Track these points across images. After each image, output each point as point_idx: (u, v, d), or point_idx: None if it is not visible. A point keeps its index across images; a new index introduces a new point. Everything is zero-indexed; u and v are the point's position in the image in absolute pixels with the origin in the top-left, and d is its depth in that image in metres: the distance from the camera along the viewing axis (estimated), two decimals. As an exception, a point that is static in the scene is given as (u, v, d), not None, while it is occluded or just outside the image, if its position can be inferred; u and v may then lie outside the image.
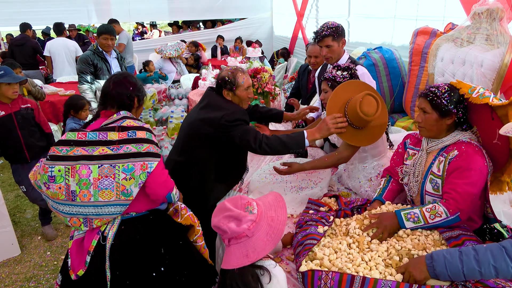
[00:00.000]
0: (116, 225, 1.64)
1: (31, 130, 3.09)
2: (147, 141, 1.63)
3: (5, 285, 2.83)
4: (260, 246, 1.25)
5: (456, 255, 1.22)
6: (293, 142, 1.96)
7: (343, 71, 2.09)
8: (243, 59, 6.25)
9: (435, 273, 1.26)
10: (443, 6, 3.70)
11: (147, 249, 1.66)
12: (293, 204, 2.07)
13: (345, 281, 1.29)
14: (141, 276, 1.63)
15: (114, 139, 1.59)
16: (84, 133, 1.61)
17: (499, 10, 2.48)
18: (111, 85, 1.75)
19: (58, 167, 1.55)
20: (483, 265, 1.16)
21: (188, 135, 2.16)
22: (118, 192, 1.57)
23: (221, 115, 1.98)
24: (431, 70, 3.11)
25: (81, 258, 1.63)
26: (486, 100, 1.46)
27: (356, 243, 1.53)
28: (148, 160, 1.59)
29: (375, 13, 4.87)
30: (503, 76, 2.47)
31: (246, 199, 1.30)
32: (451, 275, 1.23)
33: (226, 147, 2.09)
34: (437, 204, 1.55)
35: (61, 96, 4.96)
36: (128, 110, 1.76)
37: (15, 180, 3.20)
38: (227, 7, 8.49)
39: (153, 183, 1.62)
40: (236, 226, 1.24)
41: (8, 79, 2.89)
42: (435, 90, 1.62)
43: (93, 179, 1.55)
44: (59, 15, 6.99)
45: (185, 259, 1.77)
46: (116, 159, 1.57)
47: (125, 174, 1.56)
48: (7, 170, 4.63)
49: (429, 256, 1.29)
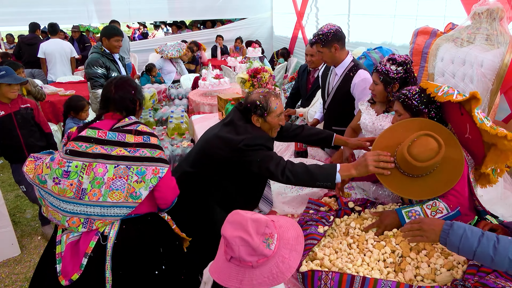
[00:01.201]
0: (117, 225, 1.64)
1: (30, 130, 3.09)
2: (159, 147, 1.68)
3: (5, 285, 2.83)
4: (258, 280, 1.14)
5: (477, 235, 1.19)
6: (322, 174, 1.68)
7: (398, 66, 1.98)
8: (243, 59, 6.25)
9: (446, 241, 1.23)
10: (443, 6, 3.69)
11: (148, 248, 1.67)
12: (293, 204, 2.07)
13: (345, 281, 1.29)
14: (143, 275, 1.64)
15: (131, 142, 1.63)
16: (104, 132, 1.63)
17: (499, 10, 2.48)
18: (113, 89, 1.75)
19: (76, 162, 1.56)
20: (498, 254, 1.14)
21: (202, 149, 2.00)
22: (127, 194, 1.59)
23: (242, 139, 1.78)
24: (431, 70, 3.11)
25: (76, 262, 1.58)
26: (449, 97, 1.50)
27: (357, 243, 1.53)
28: (159, 166, 1.64)
29: (375, 12, 4.87)
30: (503, 76, 2.46)
31: (270, 228, 1.17)
32: (461, 249, 1.20)
33: (238, 174, 1.89)
34: (437, 200, 1.56)
35: (61, 96, 4.96)
36: (133, 114, 1.78)
37: (15, 180, 3.20)
38: (227, 7, 8.50)
39: (165, 188, 1.68)
40: (247, 254, 1.13)
41: (9, 80, 2.89)
42: (406, 93, 1.69)
43: (107, 178, 1.57)
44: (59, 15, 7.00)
45: (183, 258, 1.81)
46: (132, 161, 1.60)
47: (138, 177, 1.60)
48: (7, 170, 4.63)
49: (450, 223, 1.25)
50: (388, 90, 2.03)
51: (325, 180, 1.67)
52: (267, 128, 1.93)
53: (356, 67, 2.51)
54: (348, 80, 2.51)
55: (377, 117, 2.16)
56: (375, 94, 2.10)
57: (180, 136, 3.78)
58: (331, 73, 2.66)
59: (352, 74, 2.50)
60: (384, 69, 2.01)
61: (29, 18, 6.55)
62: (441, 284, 1.30)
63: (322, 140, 2.20)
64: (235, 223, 1.16)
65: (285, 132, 2.14)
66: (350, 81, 2.50)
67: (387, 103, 2.13)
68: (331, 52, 2.47)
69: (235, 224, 1.15)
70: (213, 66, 5.80)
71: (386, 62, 2.04)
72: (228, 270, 1.16)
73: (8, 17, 6.90)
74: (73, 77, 6.13)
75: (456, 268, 1.35)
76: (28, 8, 6.87)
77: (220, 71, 5.62)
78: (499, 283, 1.22)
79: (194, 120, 3.80)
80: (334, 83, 2.61)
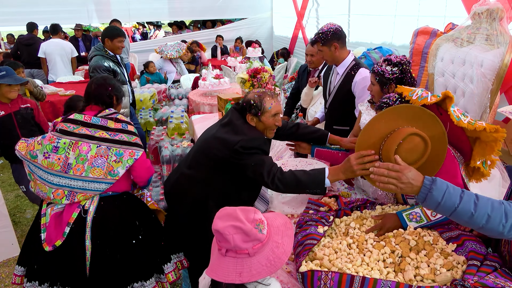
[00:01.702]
0: (96, 201, 1.90)
1: (30, 130, 3.10)
2: (135, 134, 1.97)
3: (5, 285, 2.83)
4: (256, 269, 1.15)
5: (459, 192, 1.18)
6: (311, 182, 1.68)
7: (394, 67, 1.98)
8: (243, 59, 6.25)
9: (426, 196, 1.18)
10: (444, 6, 3.70)
11: (124, 221, 1.93)
12: (293, 204, 2.07)
13: (345, 281, 1.29)
14: (120, 244, 1.88)
15: (111, 127, 1.91)
16: (89, 117, 1.91)
17: (499, 10, 2.48)
18: (93, 86, 2.06)
19: (64, 139, 1.84)
20: (479, 210, 1.14)
21: (200, 150, 2.02)
22: (106, 172, 1.87)
23: (238, 140, 1.79)
24: (431, 70, 3.11)
25: (59, 230, 1.84)
26: (424, 101, 1.52)
27: (356, 243, 1.53)
28: (135, 149, 1.93)
29: (376, 12, 4.86)
30: (503, 76, 2.46)
31: (259, 214, 1.20)
32: (442, 205, 1.17)
33: (235, 175, 1.89)
34: None
35: (61, 96, 4.97)
36: (111, 107, 2.04)
37: (15, 179, 3.20)
38: (227, 7, 8.50)
39: (140, 168, 1.97)
40: (242, 241, 1.14)
41: (9, 80, 2.89)
42: (386, 100, 1.70)
43: (90, 156, 1.84)
44: (59, 15, 7.01)
45: (159, 230, 2.06)
46: (112, 143, 1.89)
47: (116, 157, 1.88)
48: (7, 170, 4.63)
49: (431, 178, 1.21)
50: (385, 90, 2.03)
51: (315, 187, 1.68)
52: (262, 128, 1.94)
53: (358, 65, 2.52)
54: (349, 79, 2.52)
55: None
56: (373, 95, 2.11)
57: (180, 136, 3.78)
58: (333, 73, 2.66)
59: (353, 72, 2.50)
60: (380, 70, 2.02)
61: (29, 18, 6.55)
62: (441, 284, 1.30)
63: (317, 138, 2.21)
64: (225, 216, 1.18)
65: (280, 130, 2.14)
66: (351, 80, 2.51)
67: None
68: (330, 50, 2.48)
69: (225, 217, 1.18)
70: (213, 66, 5.80)
71: (382, 63, 2.04)
72: (226, 265, 1.17)
73: (8, 17, 6.90)
74: (73, 77, 6.13)
75: (456, 268, 1.35)
76: (28, 8, 6.87)
77: (220, 71, 5.62)
78: (499, 283, 1.22)
79: (194, 120, 3.80)
80: (335, 82, 2.62)
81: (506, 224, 1.13)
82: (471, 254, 1.37)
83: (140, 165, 1.96)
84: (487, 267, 1.30)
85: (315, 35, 2.52)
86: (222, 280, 1.16)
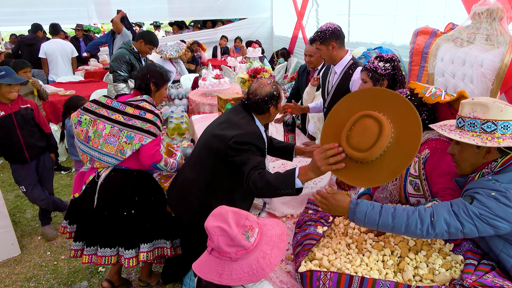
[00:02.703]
0: (108, 170, 2.23)
1: (30, 130, 3.10)
2: (151, 122, 2.16)
3: (5, 285, 2.83)
4: (237, 274, 1.14)
5: (378, 209, 1.35)
6: (282, 184, 1.59)
7: (386, 63, 2.02)
8: (243, 59, 6.25)
9: (353, 218, 1.39)
10: (444, 5, 3.69)
11: (124, 194, 2.21)
12: (293, 204, 2.07)
13: (344, 282, 1.29)
14: (116, 211, 2.20)
15: (129, 113, 2.16)
16: (111, 100, 2.21)
17: (499, 10, 2.48)
18: (138, 72, 2.35)
19: (85, 116, 2.20)
20: (396, 221, 1.31)
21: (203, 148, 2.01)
22: (117, 150, 2.16)
23: (233, 135, 1.77)
24: (431, 70, 3.10)
25: (79, 186, 2.30)
26: (437, 99, 1.52)
27: (355, 243, 1.53)
28: (145, 136, 2.14)
29: (375, 12, 4.86)
30: (503, 76, 2.46)
31: (251, 221, 1.19)
32: (366, 224, 1.37)
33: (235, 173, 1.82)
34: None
35: (61, 96, 4.97)
36: (148, 93, 2.28)
37: (15, 180, 3.20)
38: (227, 7, 8.49)
39: (144, 154, 2.16)
40: (225, 245, 1.14)
41: (9, 80, 2.89)
42: None
43: (104, 134, 2.16)
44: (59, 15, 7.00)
45: (152, 211, 2.26)
46: (124, 126, 2.15)
47: (126, 139, 2.14)
48: (7, 170, 4.63)
49: (355, 202, 1.39)
50: (377, 87, 2.04)
51: (286, 188, 1.59)
52: (272, 117, 2.00)
53: (355, 64, 2.53)
54: (347, 78, 2.52)
55: None
56: None
57: (180, 136, 3.78)
58: (331, 72, 2.67)
59: (351, 71, 2.51)
60: (372, 66, 2.04)
61: (29, 18, 6.56)
62: (440, 284, 1.30)
63: (285, 151, 2.22)
64: (217, 215, 1.19)
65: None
66: (349, 79, 2.51)
67: None
68: (328, 50, 2.49)
69: (217, 216, 1.19)
70: (213, 66, 5.80)
71: (373, 60, 2.08)
72: (209, 263, 1.17)
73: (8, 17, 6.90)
74: (74, 77, 6.14)
75: (454, 268, 1.35)
76: (28, 8, 6.87)
77: (220, 71, 5.62)
78: (497, 282, 1.22)
79: (194, 120, 3.80)
80: (333, 81, 2.62)
81: (423, 228, 1.28)
82: (468, 253, 1.38)
83: (145, 151, 2.15)
84: (484, 266, 1.30)
85: (314, 34, 2.53)
86: (202, 277, 1.16)
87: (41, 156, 3.21)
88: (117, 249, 2.23)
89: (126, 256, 2.21)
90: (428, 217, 1.27)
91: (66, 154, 5.01)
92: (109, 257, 2.22)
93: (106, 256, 2.22)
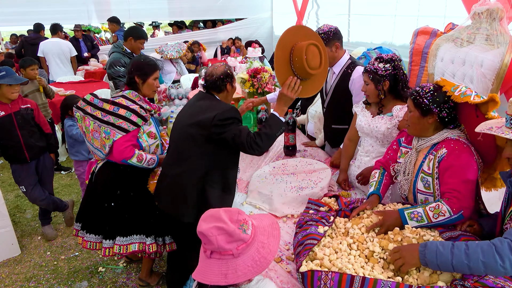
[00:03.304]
0: (101, 163, 2.41)
1: (30, 130, 3.09)
2: (123, 117, 2.20)
3: (5, 285, 2.83)
4: (242, 270, 1.15)
5: (449, 248, 1.27)
6: (275, 127, 1.96)
7: (386, 63, 2.02)
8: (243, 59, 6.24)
9: (425, 261, 1.30)
10: (444, 6, 3.69)
11: (107, 186, 2.37)
12: (293, 204, 2.07)
13: (345, 281, 1.29)
14: (99, 202, 2.37)
15: (106, 109, 2.24)
16: (93, 98, 2.31)
17: (499, 10, 2.48)
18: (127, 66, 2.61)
19: (78, 113, 2.35)
20: (472, 259, 1.21)
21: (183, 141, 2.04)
22: (101, 144, 2.27)
23: (213, 116, 1.91)
24: (431, 70, 3.10)
25: (88, 174, 2.59)
26: (467, 98, 1.48)
27: (357, 243, 1.53)
28: (117, 132, 2.21)
29: (376, 12, 4.86)
30: (503, 76, 2.46)
31: (243, 215, 1.20)
32: (440, 265, 1.27)
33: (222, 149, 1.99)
34: (440, 203, 1.55)
35: (61, 96, 4.95)
36: (133, 87, 2.33)
37: (14, 180, 3.20)
38: (227, 7, 8.48)
39: (114, 149, 2.23)
40: (226, 242, 1.14)
41: (10, 80, 2.89)
42: (419, 90, 1.66)
43: (90, 129, 2.29)
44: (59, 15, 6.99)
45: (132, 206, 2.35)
46: (102, 122, 2.23)
47: (105, 135, 2.24)
48: (7, 170, 4.63)
49: (424, 244, 1.33)
50: (379, 88, 2.04)
51: (278, 129, 1.96)
52: (230, 96, 2.14)
53: (354, 64, 2.52)
54: (346, 77, 2.52)
55: (372, 119, 2.16)
56: (368, 95, 2.11)
57: (180, 136, 3.77)
58: (329, 72, 2.66)
59: (350, 71, 2.51)
60: (373, 68, 2.04)
61: (29, 18, 6.55)
62: (441, 285, 1.30)
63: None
64: (209, 217, 1.18)
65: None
66: (348, 78, 2.51)
67: (380, 104, 2.13)
68: (332, 51, 2.48)
69: (208, 218, 1.18)
70: (213, 66, 5.79)
71: (374, 61, 2.07)
72: (211, 267, 1.16)
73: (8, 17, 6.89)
74: (74, 77, 6.13)
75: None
76: (28, 8, 6.86)
77: (220, 71, 5.60)
78: (499, 282, 1.22)
79: (194, 120, 3.79)
80: (332, 81, 2.62)
81: (505, 264, 1.17)
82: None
83: (115, 147, 2.22)
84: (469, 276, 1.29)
85: None
86: (207, 282, 1.15)
87: (41, 156, 3.21)
88: (100, 237, 2.40)
89: (104, 245, 2.38)
90: (507, 250, 1.18)
91: (66, 154, 5.01)
92: (94, 243, 2.42)
93: (91, 241, 2.42)
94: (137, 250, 2.35)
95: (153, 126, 2.38)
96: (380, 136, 2.14)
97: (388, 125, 2.07)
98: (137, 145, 2.28)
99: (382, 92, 2.05)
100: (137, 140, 2.28)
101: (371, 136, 2.19)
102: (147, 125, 2.32)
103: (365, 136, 2.25)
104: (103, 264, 3.01)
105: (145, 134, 2.32)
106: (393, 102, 2.10)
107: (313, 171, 2.33)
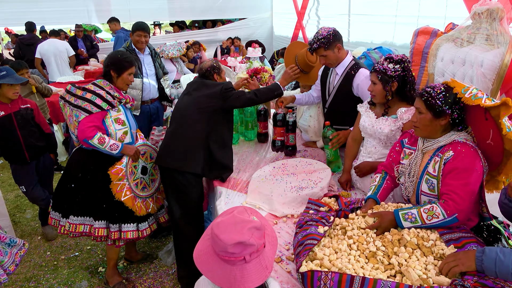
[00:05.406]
0: (77, 146, 2.62)
1: (30, 130, 3.09)
2: (88, 100, 2.38)
3: (5, 285, 2.83)
4: (270, 255, 1.17)
5: (510, 256, 1.23)
6: (274, 89, 2.59)
7: (395, 64, 1.99)
8: (243, 59, 6.25)
9: (482, 267, 1.28)
10: (444, 6, 3.69)
11: (70, 168, 2.56)
12: (293, 204, 2.07)
13: (345, 282, 1.29)
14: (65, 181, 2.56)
15: (77, 94, 2.43)
16: (71, 87, 2.49)
17: (499, 10, 2.47)
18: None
19: (61, 102, 2.51)
20: None
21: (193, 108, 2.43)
22: (73, 127, 2.46)
23: (220, 87, 2.42)
24: (431, 70, 3.10)
25: None
26: (478, 101, 1.46)
27: (357, 243, 1.53)
28: (82, 113, 2.37)
29: (376, 12, 4.86)
30: (503, 76, 2.46)
31: (248, 208, 1.21)
32: (499, 273, 1.24)
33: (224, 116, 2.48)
34: (435, 204, 1.54)
35: (61, 96, 4.96)
36: (109, 79, 2.53)
37: (14, 180, 3.20)
38: (227, 7, 8.49)
39: (78, 129, 2.37)
40: (259, 238, 1.13)
41: (10, 80, 2.89)
42: (430, 91, 1.62)
43: (67, 115, 2.49)
44: (59, 15, 7.01)
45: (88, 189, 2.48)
46: (73, 106, 2.41)
47: (75, 118, 2.40)
48: (7, 170, 4.63)
49: (481, 250, 1.30)
50: (387, 89, 2.01)
51: (277, 90, 2.58)
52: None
53: (357, 65, 2.50)
54: (349, 79, 2.50)
55: (376, 120, 2.14)
56: (374, 95, 2.08)
57: (180, 136, 3.77)
58: (331, 73, 2.64)
59: (353, 72, 2.48)
60: (382, 68, 2.00)
61: (29, 18, 6.54)
62: (441, 285, 1.30)
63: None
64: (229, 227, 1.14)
65: None
66: (351, 80, 2.49)
67: (386, 105, 2.11)
68: (334, 53, 2.46)
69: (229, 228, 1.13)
70: (213, 66, 5.79)
71: (383, 61, 2.04)
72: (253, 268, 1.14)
73: (8, 17, 6.90)
74: (74, 77, 6.12)
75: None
76: (28, 8, 6.87)
77: (220, 71, 5.60)
78: (498, 283, 1.22)
79: (194, 120, 3.79)
80: (335, 82, 2.60)
81: None
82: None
83: (79, 126, 2.36)
84: None
85: (316, 42, 2.45)
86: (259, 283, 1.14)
87: (41, 156, 3.21)
88: (60, 215, 2.55)
89: (61, 223, 2.54)
90: None
91: (66, 154, 5.01)
92: (56, 220, 2.58)
93: (54, 219, 2.59)
94: (84, 231, 2.48)
95: (122, 114, 2.52)
96: (383, 137, 2.13)
97: (392, 127, 2.06)
98: (102, 129, 2.43)
99: (389, 93, 2.02)
100: (103, 124, 2.42)
101: (374, 137, 2.18)
102: (115, 111, 2.48)
103: (368, 137, 2.24)
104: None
105: (112, 119, 2.46)
106: (399, 104, 2.08)
107: (313, 171, 2.33)
